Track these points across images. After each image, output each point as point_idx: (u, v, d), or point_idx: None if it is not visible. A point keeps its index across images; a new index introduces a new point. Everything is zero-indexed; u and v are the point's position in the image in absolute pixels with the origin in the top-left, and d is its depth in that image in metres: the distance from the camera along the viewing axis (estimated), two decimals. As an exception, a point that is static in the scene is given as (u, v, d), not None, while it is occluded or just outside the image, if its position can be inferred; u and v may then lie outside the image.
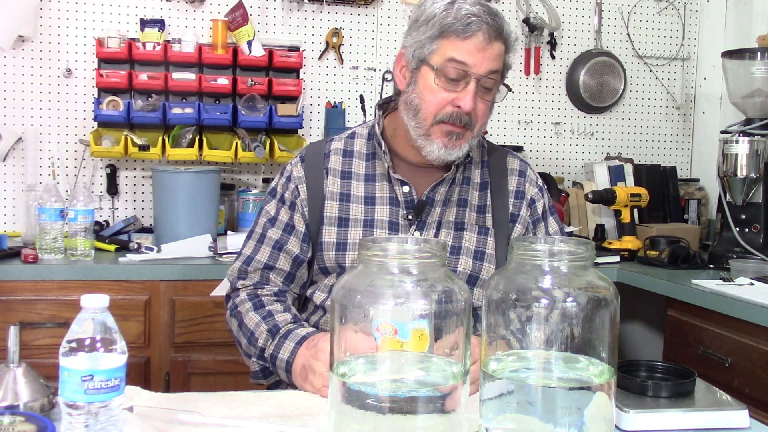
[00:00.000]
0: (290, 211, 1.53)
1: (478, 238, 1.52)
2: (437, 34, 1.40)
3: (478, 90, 1.41)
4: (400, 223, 1.50)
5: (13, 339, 1.06)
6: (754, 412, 1.80)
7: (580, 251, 0.92)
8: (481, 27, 1.38)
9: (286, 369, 1.32)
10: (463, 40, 1.38)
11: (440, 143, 1.43)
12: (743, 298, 2.03)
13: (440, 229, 1.50)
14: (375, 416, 0.84)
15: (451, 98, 1.40)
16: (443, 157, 1.44)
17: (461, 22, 1.38)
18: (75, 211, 2.36)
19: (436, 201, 1.51)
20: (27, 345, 2.18)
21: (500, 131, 3.27)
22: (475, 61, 1.38)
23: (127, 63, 2.85)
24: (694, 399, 1.12)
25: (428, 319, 0.88)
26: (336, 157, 1.54)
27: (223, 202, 2.86)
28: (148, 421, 1.02)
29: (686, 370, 1.17)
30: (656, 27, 3.40)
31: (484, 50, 1.38)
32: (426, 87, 1.42)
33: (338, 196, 1.51)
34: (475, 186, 1.55)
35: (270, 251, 1.52)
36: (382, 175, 1.52)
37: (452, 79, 1.40)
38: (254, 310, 1.45)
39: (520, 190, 1.58)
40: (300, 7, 3.04)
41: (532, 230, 1.58)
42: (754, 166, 2.53)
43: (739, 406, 1.10)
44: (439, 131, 1.42)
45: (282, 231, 1.52)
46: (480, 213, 1.54)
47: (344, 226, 1.49)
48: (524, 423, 0.88)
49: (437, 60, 1.40)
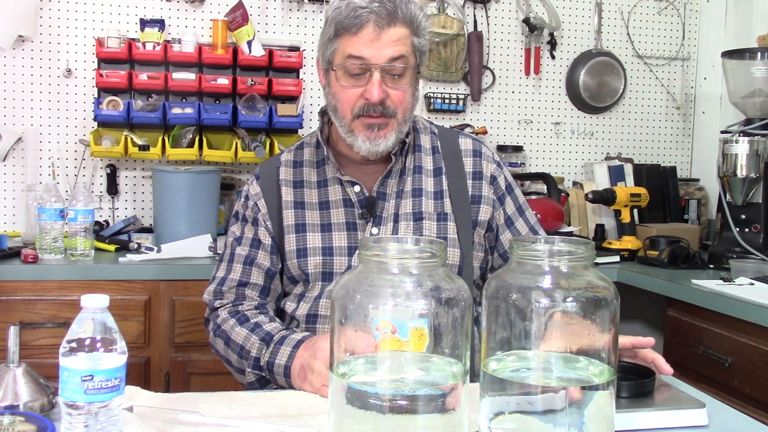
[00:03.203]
0: (254, 227, 1.54)
1: (438, 225, 1.51)
2: (333, 34, 1.41)
3: (387, 79, 1.40)
4: (358, 223, 1.50)
5: (13, 339, 1.06)
6: (754, 412, 1.80)
7: (580, 251, 0.92)
8: (369, 17, 1.37)
9: (285, 373, 1.32)
10: (355, 34, 1.38)
11: (363, 136, 1.44)
12: (743, 298, 2.03)
13: (398, 221, 1.50)
14: (375, 416, 0.84)
15: (360, 92, 1.41)
16: (372, 149, 1.45)
17: (350, 17, 1.38)
18: (75, 211, 2.36)
19: (388, 194, 1.51)
20: (27, 345, 2.18)
21: (500, 131, 3.27)
22: (372, 53, 1.38)
23: (127, 63, 2.85)
24: (653, 399, 1.13)
25: (428, 319, 0.88)
26: (287, 169, 1.56)
27: (223, 202, 2.86)
28: (148, 421, 1.02)
29: (646, 369, 1.18)
30: (656, 27, 3.40)
31: (378, 39, 1.38)
32: (336, 87, 1.44)
33: (293, 205, 1.52)
34: (428, 173, 1.55)
35: (242, 268, 1.52)
36: (333, 179, 1.53)
37: (356, 74, 1.40)
38: (240, 324, 1.45)
39: (477, 170, 1.56)
40: (300, 7, 3.04)
41: (499, 206, 1.56)
42: (754, 166, 2.53)
43: (698, 405, 1.11)
44: (360, 125, 1.43)
45: (249, 247, 1.53)
46: (437, 199, 1.53)
47: (302, 232, 1.50)
48: (524, 423, 0.88)
49: (339, 59, 1.41)
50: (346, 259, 1.48)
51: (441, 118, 3.17)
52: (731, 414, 1.17)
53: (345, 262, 1.48)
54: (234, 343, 1.44)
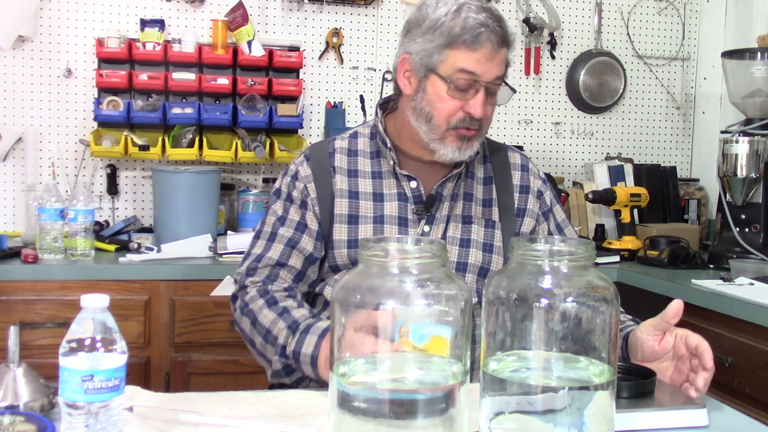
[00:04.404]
0: (301, 209, 1.52)
1: (485, 231, 1.53)
2: (445, 44, 1.41)
3: (487, 95, 1.44)
4: (410, 218, 1.50)
5: (13, 339, 1.06)
6: (754, 412, 1.80)
7: (580, 251, 0.92)
8: (490, 37, 1.39)
9: (312, 363, 1.30)
10: (473, 51, 1.39)
11: (454, 146, 1.46)
12: (743, 298, 2.03)
13: (449, 223, 1.52)
14: (375, 416, 0.84)
15: (461, 105, 1.43)
16: (457, 158, 1.48)
17: (470, 33, 1.39)
18: (75, 211, 2.36)
19: (444, 196, 1.53)
20: (27, 345, 2.17)
21: (500, 131, 3.27)
22: (484, 70, 1.41)
23: (127, 63, 2.85)
24: (654, 399, 1.13)
25: (428, 319, 0.88)
26: (341, 156, 1.55)
27: (223, 202, 2.86)
28: (148, 421, 1.02)
29: (646, 370, 1.18)
30: (656, 27, 3.40)
31: (492, 59, 1.41)
32: (436, 96, 1.44)
33: (347, 194, 1.51)
34: (479, 180, 1.58)
35: (282, 248, 1.50)
36: (389, 172, 1.53)
37: (462, 89, 1.42)
38: (268, 307, 1.42)
39: (525, 184, 1.60)
40: (300, 7, 3.04)
41: (544, 221, 1.60)
42: (754, 166, 2.53)
43: (698, 405, 1.11)
44: (454, 135, 1.45)
45: (294, 230, 1.51)
46: (486, 207, 1.56)
47: (354, 223, 1.50)
48: (524, 423, 0.88)
49: (446, 70, 1.41)
50: None
51: (441, 118, 3.16)
52: (731, 414, 1.17)
53: None
54: (260, 326, 1.41)
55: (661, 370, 1.22)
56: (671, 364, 1.23)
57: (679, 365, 1.21)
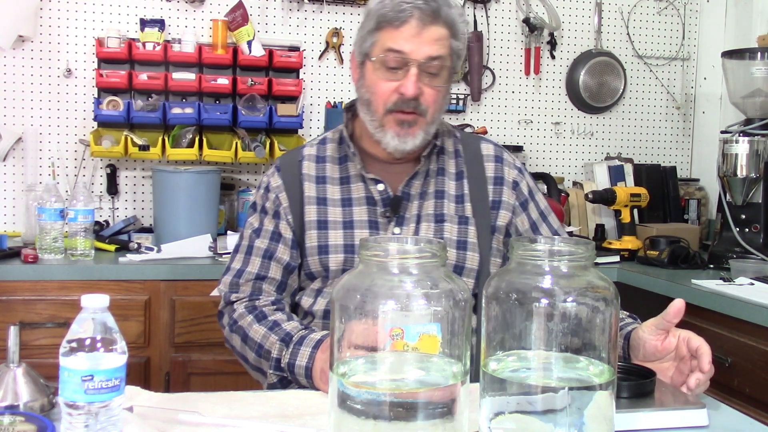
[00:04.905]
0: (275, 219, 1.53)
1: (459, 228, 1.51)
2: (374, 27, 1.41)
3: (423, 76, 1.40)
4: (380, 221, 1.49)
5: (13, 339, 1.06)
6: (754, 412, 1.80)
7: (580, 251, 0.92)
8: (413, 12, 1.38)
9: (306, 374, 1.31)
10: (397, 28, 1.38)
11: (393, 132, 1.44)
12: (743, 298, 2.03)
13: (420, 222, 1.50)
14: (374, 416, 0.84)
15: (395, 86, 1.41)
16: (400, 146, 1.45)
17: (394, 10, 1.38)
18: (75, 211, 2.36)
19: (412, 195, 1.51)
20: (27, 345, 2.17)
21: (500, 131, 3.27)
22: (412, 47, 1.38)
23: (127, 63, 2.85)
24: (654, 399, 1.12)
25: (428, 320, 0.88)
26: (309, 163, 1.55)
27: (223, 202, 2.87)
28: (148, 421, 1.02)
29: (646, 370, 1.18)
30: (656, 27, 3.40)
31: (419, 35, 1.38)
32: (371, 80, 1.43)
33: (316, 201, 1.51)
34: (450, 176, 1.55)
35: (260, 261, 1.51)
36: (356, 176, 1.52)
37: (393, 68, 1.40)
38: (258, 322, 1.43)
39: (499, 175, 1.56)
40: (300, 7, 3.04)
41: (522, 212, 1.56)
42: (754, 166, 2.53)
43: (698, 405, 1.11)
44: (392, 120, 1.43)
45: (269, 240, 1.52)
46: (458, 203, 1.53)
47: (324, 229, 1.49)
48: (524, 423, 0.88)
49: (377, 52, 1.41)
50: None
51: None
52: (731, 414, 1.17)
53: None
54: (252, 341, 1.42)
55: (662, 371, 1.22)
56: (672, 365, 1.23)
57: (681, 366, 1.21)
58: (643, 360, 1.24)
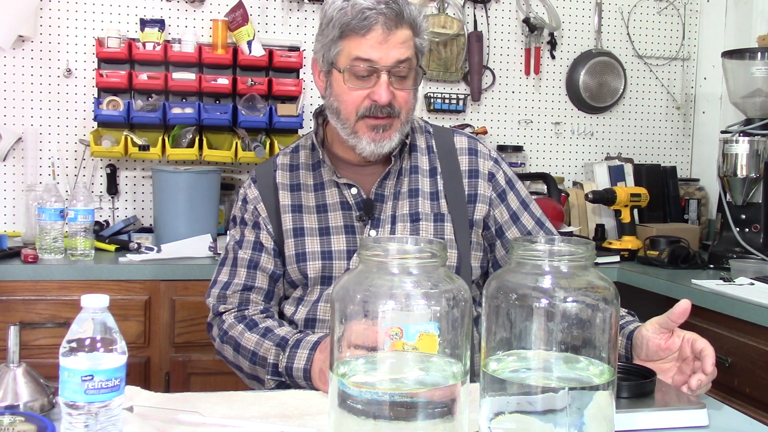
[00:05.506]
0: (255, 230, 1.52)
1: (435, 225, 1.49)
2: (338, 35, 1.39)
3: (393, 80, 1.39)
4: (356, 226, 1.49)
5: (13, 339, 1.06)
6: (754, 412, 1.80)
7: (580, 251, 0.92)
8: (377, 19, 1.35)
9: (305, 377, 1.31)
10: (363, 36, 1.36)
11: (368, 138, 1.42)
12: (743, 298, 2.03)
13: (395, 223, 1.49)
14: (375, 416, 0.84)
15: (366, 93, 1.40)
16: (376, 150, 1.44)
17: (357, 18, 1.36)
18: (75, 211, 2.36)
19: (386, 196, 1.50)
20: (27, 345, 2.18)
21: (500, 131, 3.27)
22: (380, 54, 1.37)
23: (127, 63, 2.85)
24: (654, 399, 1.12)
25: (429, 320, 0.88)
26: (283, 172, 1.54)
27: (223, 202, 2.86)
28: (148, 421, 1.02)
29: (646, 370, 1.18)
30: (656, 27, 3.40)
31: (386, 41, 1.36)
32: (340, 89, 1.42)
33: (291, 209, 1.51)
34: (424, 173, 1.53)
35: (246, 272, 1.51)
36: (330, 182, 1.51)
37: (362, 77, 1.39)
38: (249, 330, 1.43)
39: (473, 168, 1.54)
40: (300, 7, 3.04)
41: (500, 203, 1.54)
42: (754, 166, 2.53)
43: (698, 405, 1.11)
44: (365, 126, 1.42)
45: (252, 250, 1.52)
46: (433, 200, 1.51)
47: (301, 236, 1.49)
48: (524, 423, 0.88)
49: (344, 61, 1.39)
50: (345, 262, 1.47)
51: (441, 118, 3.17)
52: (731, 414, 1.17)
53: (344, 265, 1.47)
54: (245, 349, 1.42)
55: (663, 371, 1.22)
56: (674, 365, 1.22)
57: (683, 367, 1.21)
58: (646, 359, 1.24)
